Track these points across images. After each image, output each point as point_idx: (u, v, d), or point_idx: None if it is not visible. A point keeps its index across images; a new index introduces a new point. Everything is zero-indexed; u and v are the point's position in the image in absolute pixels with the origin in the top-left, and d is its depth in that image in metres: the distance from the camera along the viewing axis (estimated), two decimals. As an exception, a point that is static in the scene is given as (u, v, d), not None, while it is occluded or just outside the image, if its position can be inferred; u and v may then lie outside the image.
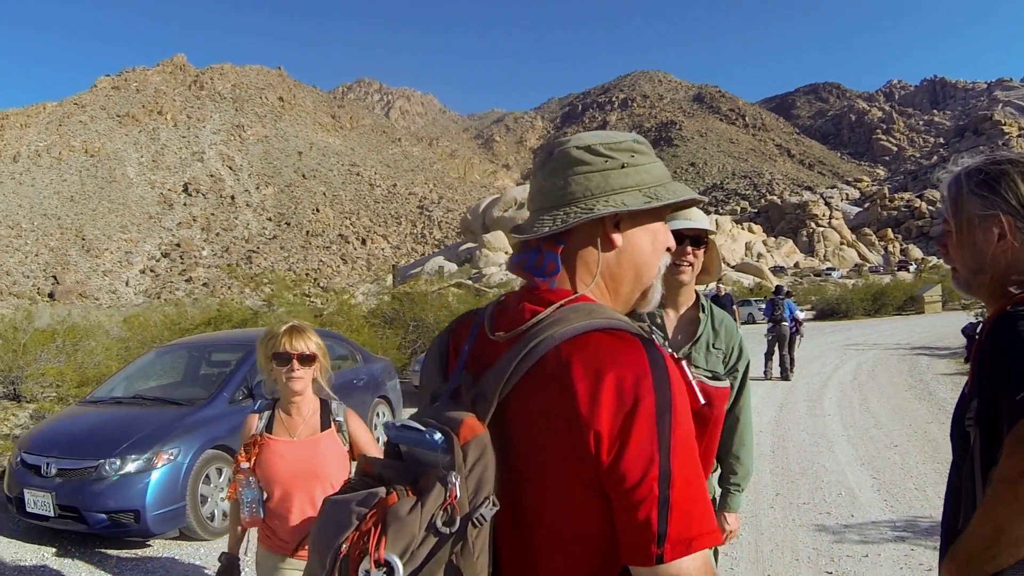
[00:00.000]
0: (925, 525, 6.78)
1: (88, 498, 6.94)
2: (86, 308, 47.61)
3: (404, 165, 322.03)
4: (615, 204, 1.49)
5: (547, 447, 1.37)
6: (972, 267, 2.03)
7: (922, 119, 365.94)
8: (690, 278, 3.39)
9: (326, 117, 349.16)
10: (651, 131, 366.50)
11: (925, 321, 40.26)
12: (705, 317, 3.47)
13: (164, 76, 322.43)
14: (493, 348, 1.51)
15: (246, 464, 3.31)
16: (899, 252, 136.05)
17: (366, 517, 1.32)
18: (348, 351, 11.76)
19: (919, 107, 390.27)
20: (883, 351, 23.35)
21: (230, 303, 19.76)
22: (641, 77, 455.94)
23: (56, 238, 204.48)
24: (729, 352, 3.46)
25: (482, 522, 1.32)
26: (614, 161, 1.52)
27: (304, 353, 3.33)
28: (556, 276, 1.53)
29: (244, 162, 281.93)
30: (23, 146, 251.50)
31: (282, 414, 3.44)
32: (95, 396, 9.20)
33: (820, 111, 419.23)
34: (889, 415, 12.54)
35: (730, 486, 3.60)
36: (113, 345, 16.91)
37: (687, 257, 3.33)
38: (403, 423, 1.44)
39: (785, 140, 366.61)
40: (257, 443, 3.35)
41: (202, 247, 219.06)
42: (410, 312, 22.51)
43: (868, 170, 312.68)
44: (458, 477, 1.30)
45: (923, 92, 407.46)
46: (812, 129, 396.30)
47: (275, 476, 3.30)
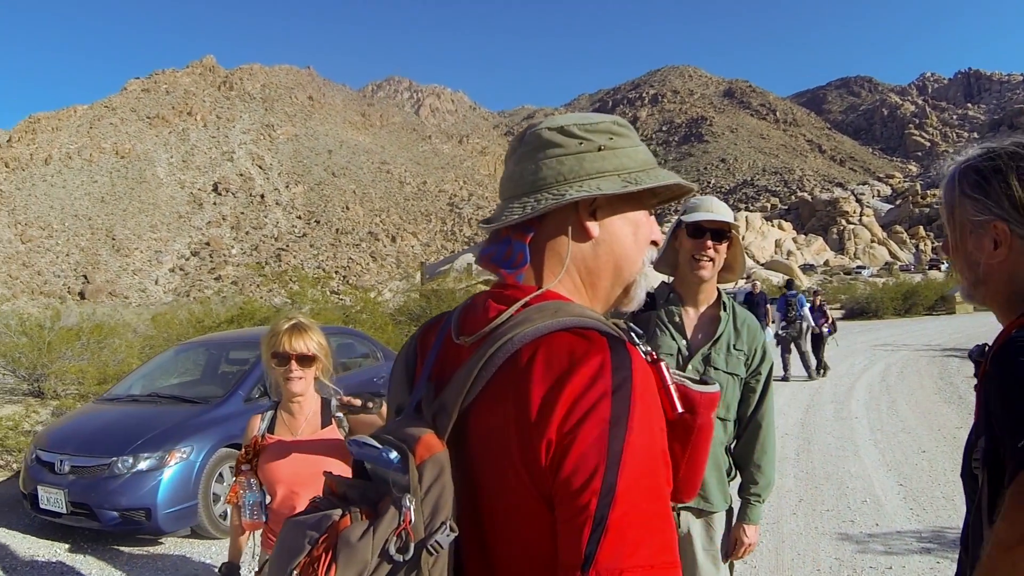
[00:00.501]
0: (952, 536, 6.56)
1: (100, 495, 6.95)
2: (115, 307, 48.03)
3: (434, 162, 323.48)
4: (589, 189, 1.36)
5: (504, 462, 1.25)
6: (970, 279, 1.82)
7: (956, 113, 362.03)
8: (710, 274, 3.26)
9: (356, 115, 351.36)
10: (681, 127, 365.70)
11: (956, 322, 39.70)
12: (727, 316, 3.36)
13: (194, 78, 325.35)
14: (458, 355, 1.39)
15: (247, 466, 3.22)
16: (931, 251, 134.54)
17: (318, 542, 1.24)
18: (370, 349, 11.68)
19: (953, 101, 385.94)
20: (913, 352, 23.00)
21: (254, 301, 19.75)
22: (671, 72, 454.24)
23: (87, 238, 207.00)
24: (752, 354, 3.35)
25: (438, 549, 1.20)
26: (590, 143, 1.39)
27: (303, 354, 3.23)
28: (523, 268, 1.42)
29: (274, 161, 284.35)
30: (54, 149, 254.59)
31: (284, 414, 3.35)
32: (112, 394, 9.25)
33: (852, 105, 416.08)
34: (918, 419, 12.28)
35: (750, 496, 3.47)
36: (136, 343, 17.01)
37: (707, 251, 3.20)
38: (362, 440, 1.33)
39: (816, 135, 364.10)
40: (258, 444, 3.26)
41: (231, 246, 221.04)
42: (437, 309, 22.43)
43: (900, 166, 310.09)
44: (413, 500, 1.21)
45: (957, 85, 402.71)
46: (843, 124, 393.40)
47: (278, 477, 3.21)
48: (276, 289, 20.90)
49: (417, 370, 1.52)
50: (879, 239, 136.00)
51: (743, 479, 3.48)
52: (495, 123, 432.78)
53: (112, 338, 16.35)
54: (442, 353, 1.47)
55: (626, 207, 1.44)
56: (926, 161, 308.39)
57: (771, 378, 3.43)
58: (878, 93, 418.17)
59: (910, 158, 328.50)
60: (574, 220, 1.40)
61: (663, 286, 3.49)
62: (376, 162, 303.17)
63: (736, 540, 3.47)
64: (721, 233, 3.22)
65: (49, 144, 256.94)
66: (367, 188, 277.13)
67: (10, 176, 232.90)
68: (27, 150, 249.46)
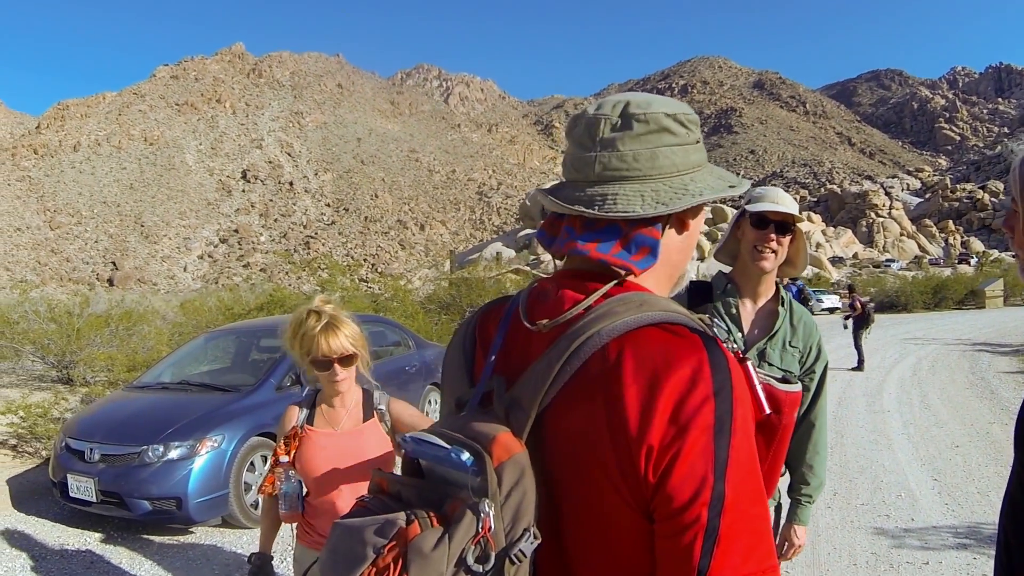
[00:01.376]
0: (988, 532, 6.48)
1: (130, 484, 6.91)
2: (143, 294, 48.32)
3: (463, 151, 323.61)
4: (705, 186, 1.33)
5: (592, 467, 1.18)
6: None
7: (986, 107, 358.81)
8: (772, 266, 3.14)
9: (385, 103, 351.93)
10: (711, 118, 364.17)
11: (986, 316, 39.34)
12: (784, 311, 3.23)
13: (223, 65, 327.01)
14: (527, 345, 1.31)
15: (285, 458, 3.16)
16: (960, 244, 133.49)
17: (384, 551, 1.13)
18: (401, 337, 11.68)
19: (983, 95, 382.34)
20: (943, 346, 22.78)
21: (283, 288, 19.81)
22: (701, 63, 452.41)
23: (115, 225, 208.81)
24: (807, 351, 3.23)
25: (522, 559, 1.13)
26: (692, 135, 1.36)
27: (344, 355, 3.13)
28: (653, 266, 1.33)
29: (303, 148, 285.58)
30: (83, 136, 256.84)
31: (324, 406, 3.28)
32: (142, 381, 9.21)
33: (882, 98, 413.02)
34: (950, 414, 12.15)
35: (801, 497, 3.36)
36: (165, 330, 17.04)
37: (771, 244, 3.09)
38: (422, 437, 1.23)
39: (846, 128, 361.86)
40: (297, 435, 3.20)
41: (260, 233, 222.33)
42: (467, 298, 22.47)
43: (930, 160, 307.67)
44: (492, 505, 1.12)
45: (988, 79, 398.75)
46: (873, 117, 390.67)
47: (317, 469, 3.15)
48: (305, 277, 20.92)
49: (478, 360, 1.43)
50: (908, 232, 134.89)
51: (794, 479, 3.37)
52: (524, 112, 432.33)
53: (141, 325, 16.37)
54: (508, 343, 1.38)
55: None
56: (956, 155, 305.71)
57: (825, 377, 3.30)
58: (908, 86, 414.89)
59: (940, 152, 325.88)
60: (678, 214, 1.35)
61: (720, 276, 3.39)
62: (405, 150, 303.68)
63: (785, 541, 3.39)
64: (785, 226, 3.12)
65: (78, 131, 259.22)
66: (396, 176, 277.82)
67: (39, 163, 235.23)
68: (56, 137, 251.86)
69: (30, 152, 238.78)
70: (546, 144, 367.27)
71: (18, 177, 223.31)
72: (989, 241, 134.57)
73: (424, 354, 11.70)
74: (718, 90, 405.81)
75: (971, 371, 17.03)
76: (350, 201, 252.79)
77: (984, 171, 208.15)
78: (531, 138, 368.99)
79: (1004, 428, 10.75)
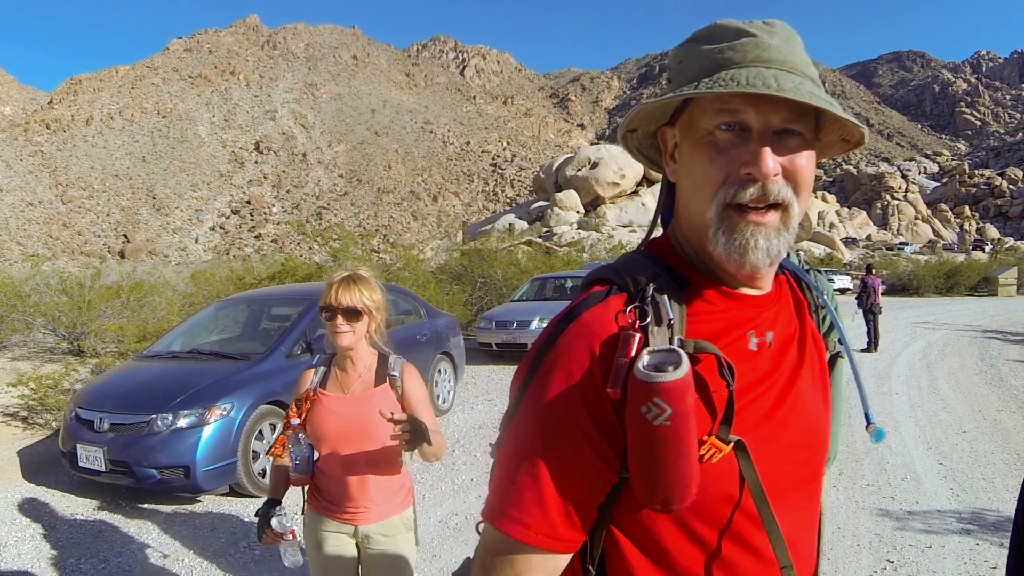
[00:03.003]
0: (992, 519, 6.46)
1: (139, 453, 6.93)
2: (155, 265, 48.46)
3: (478, 123, 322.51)
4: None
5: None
6: None
7: (1009, 93, 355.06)
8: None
9: (400, 75, 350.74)
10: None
11: (998, 304, 39.15)
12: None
13: (236, 37, 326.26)
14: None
15: (296, 420, 3.17)
16: (975, 231, 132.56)
17: None
18: (412, 306, 11.68)
19: (1007, 80, 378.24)
20: (954, 331, 22.70)
21: (295, 258, 19.83)
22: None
23: (127, 198, 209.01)
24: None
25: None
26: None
27: (349, 307, 3.10)
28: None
29: (316, 120, 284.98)
30: (96, 109, 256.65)
31: (337, 370, 3.27)
32: (152, 351, 9.21)
33: (903, 80, 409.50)
34: (958, 399, 12.11)
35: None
36: (176, 300, 17.08)
37: None
38: None
39: (865, 109, 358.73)
40: (309, 398, 3.20)
41: (272, 204, 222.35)
42: (479, 269, 22.50)
43: (949, 144, 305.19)
44: None
45: (1012, 65, 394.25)
46: (893, 99, 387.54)
47: (325, 433, 3.15)
48: (317, 248, 20.94)
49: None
50: (923, 216, 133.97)
51: None
52: (540, 85, 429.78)
53: (152, 296, 16.40)
54: None
55: None
56: (976, 140, 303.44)
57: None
58: (930, 69, 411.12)
59: (959, 136, 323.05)
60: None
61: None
62: (419, 122, 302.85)
63: None
64: None
65: (91, 105, 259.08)
66: (410, 148, 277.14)
67: (52, 137, 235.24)
68: (69, 111, 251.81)
69: (42, 127, 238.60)
70: (561, 117, 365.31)
71: (30, 152, 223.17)
72: (1005, 229, 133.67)
73: (435, 323, 11.75)
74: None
75: (981, 358, 16.97)
76: (363, 172, 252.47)
77: (1004, 158, 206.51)
78: (546, 111, 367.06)
79: (1012, 416, 10.73)
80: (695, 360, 1.21)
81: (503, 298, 20.87)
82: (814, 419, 1.36)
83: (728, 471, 1.22)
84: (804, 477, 1.35)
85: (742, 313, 1.32)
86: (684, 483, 1.16)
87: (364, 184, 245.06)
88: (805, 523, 1.37)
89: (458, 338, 12.45)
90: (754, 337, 1.31)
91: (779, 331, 1.36)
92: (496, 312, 17.47)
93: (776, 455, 1.27)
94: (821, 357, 1.47)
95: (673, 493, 1.16)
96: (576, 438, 1.20)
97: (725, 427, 1.20)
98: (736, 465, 1.22)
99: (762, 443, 1.25)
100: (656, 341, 1.20)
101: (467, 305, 20.41)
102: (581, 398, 1.20)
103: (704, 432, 1.20)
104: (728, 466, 1.22)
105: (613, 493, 1.25)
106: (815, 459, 1.37)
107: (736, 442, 1.21)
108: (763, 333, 1.33)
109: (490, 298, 21.44)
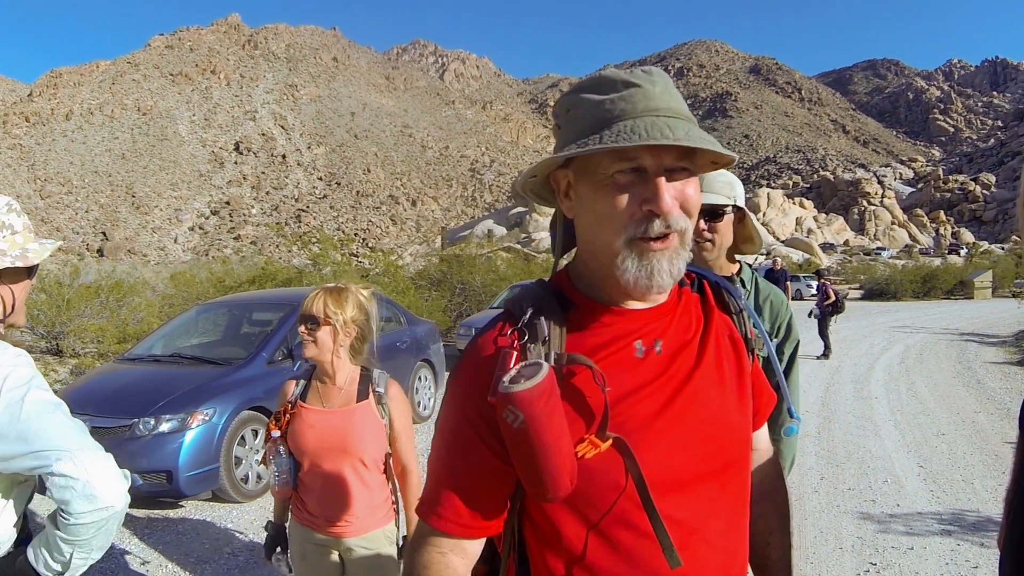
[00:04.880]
0: (972, 520, 6.54)
1: (120, 458, 6.74)
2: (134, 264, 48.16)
3: (457, 128, 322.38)
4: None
5: None
6: None
7: (981, 100, 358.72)
8: (715, 253, 3.08)
9: (380, 78, 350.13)
10: (706, 101, 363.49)
11: (974, 306, 39.44)
12: (746, 292, 3.15)
13: (218, 36, 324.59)
14: None
15: (276, 432, 3.16)
16: (950, 235, 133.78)
17: None
18: (392, 313, 11.59)
19: (979, 88, 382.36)
20: (931, 335, 22.87)
21: (275, 262, 19.76)
22: (698, 46, 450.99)
23: (106, 195, 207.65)
24: (775, 330, 3.15)
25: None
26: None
27: (310, 315, 3.09)
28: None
29: (296, 121, 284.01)
30: (76, 104, 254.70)
31: (317, 382, 3.24)
32: (133, 353, 9.13)
33: (877, 88, 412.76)
34: (937, 402, 12.22)
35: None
36: (156, 302, 16.99)
37: (703, 233, 3.04)
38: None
39: (841, 116, 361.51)
40: (288, 411, 3.19)
41: (252, 205, 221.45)
42: (457, 275, 22.41)
43: (923, 150, 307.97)
44: None
45: (983, 73, 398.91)
46: (868, 106, 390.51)
47: (304, 447, 3.13)
48: (296, 251, 20.84)
49: None
50: (900, 221, 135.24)
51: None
52: (519, 90, 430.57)
53: (131, 296, 16.29)
54: None
55: None
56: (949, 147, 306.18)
57: (795, 357, 3.19)
58: (904, 77, 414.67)
59: (933, 143, 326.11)
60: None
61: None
62: (399, 126, 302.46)
63: None
64: (715, 212, 3.04)
65: (71, 99, 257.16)
66: (389, 151, 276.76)
67: (31, 131, 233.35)
68: (48, 105, 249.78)
69: (21, 120, 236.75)
70: (540, 123, 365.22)
71: (9, 145, 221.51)
72: (979, 232, 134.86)
73: (415, 330, 11.67)
74: (714, 74, 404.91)
75: (958, 360, 17.12)
76: (342, 175, 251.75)
77: (977, 163, 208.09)
78: (525, 116, 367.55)
79: (990, 417, 10.84)
80: (571, 372, 1.40)
81: (482, 304, 20.81)
82: (716, 416, 1.47)
83: (613, 464, 1.36)
84: (712, 469, 1.45)
85: (627, 325, 1.46)
86: (551, 476, 1.33)
87: (343, 187, 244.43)
88: (718, 511, 1.46)
89: (438, 345, 12.38)
90: (641, 345, 1.45)
91: (671, 338, 1.48)
92: (475, 319, 17.41)
93: (670, 450, 1.40)
94: (739, 358, 1.59)
95: (545, 484, 1.34)
96: (475, 442, 1.42)
97: (602, 427, 1.35)
98: (621, 459, 1.36)
99: (651, 439, 1.39)
100: (532, 356, 1.38)
101: (446, 311, 20.35)
102: (474, 407, 1.42)
103: (583, 432, 1.36)
104: (612, 460, 1.36)
105: (519, 486, 1.44)
106: (723, 452, 1.47)
107: (615, 439, 1.35)
108: (651, 341, 1.46)
109: (469, 304, 21.39)
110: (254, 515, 7.07)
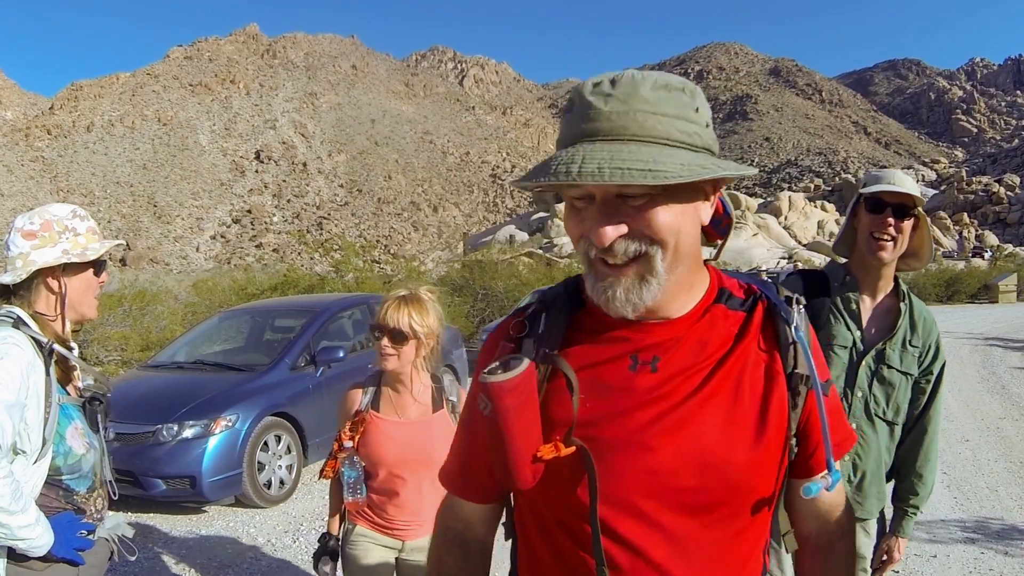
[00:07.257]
0: (996, 527, 6.50)
1: (144, 463, 6.96)
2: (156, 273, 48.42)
3: (477, 133, 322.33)
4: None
5: None
6: None
7: (1004, 100, 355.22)
8: (891, 256, 2.87)
9: (399, 85, 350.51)
10: (726, 104, 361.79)
11: (999, 311, 39.06)
12: (905, 307, 2.99)
13: (237, 46, 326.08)
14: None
15: (349, 443, 3.10)
16: (974, 238, 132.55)
17: None
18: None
19: (1002, 87, 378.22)
20: (955, 339, 22.65)
21: (297, 269, 19.84)
22: (717, 49, 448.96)
23: (128, 205, 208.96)
24: (925, 351, 3.00)
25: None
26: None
27: (396, 329, 3.01)
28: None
29: (316, 129, 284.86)
30: (97, 116, 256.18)
31: (389, 391, 3.18)
32: (156, 360, 9.27)
33: (899, 88, 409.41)
34: (960, 407, 12.10)
35: (908, 508, 3.11)
36: (179, 310, 17.09)
37: (888, 229, 2.83)
38: None
39: (862, 117, 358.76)
40: (364, 420, 3.13)
41: (273, 213, 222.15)
42: (479, 280, 22.48)
43: (946, 151, 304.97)
44: None
45: (1007, 72, 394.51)
46: (890, 107, 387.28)
47: (383, 458, 3.09)
48: (318, 258, 20.92)
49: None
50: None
51: (901, 488, 3.13)
52: (539, 95, 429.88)
53: (154, 305, 16.41)
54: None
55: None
56: (972, 147, 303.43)
57: (942, 379, 3.06)
58: (926, 77, 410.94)
59: (956, 144, 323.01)
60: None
61: (836, 266, 3.13)
62: (419, 132, 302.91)
63: (887, 553, 3.19)
64: (904, 209, 2.85)
65: (91, 111, 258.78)
66: (410, 158, 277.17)
67: (52, 143, 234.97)
68: (69, 117, 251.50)
69: (43, 133, 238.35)
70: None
71: (31, 158, 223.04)
72: (1004, 235, 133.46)
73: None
74: (734, 76, 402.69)
75: (983, 365, 16.96)
76: (364, 182, 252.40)
77: (1001, 164, 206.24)
78: (545, 121, 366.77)
79: (1015, 423, 10.75)
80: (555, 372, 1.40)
81: (504, 310, 20.83)
82: (709, 450, 1.34)
83: (573, 472, 1.36)
84: (690, 505, 1.35)
85: (626, 335, 1.39)
86: (511, 467, 1.36)
87: (364, 194, 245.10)
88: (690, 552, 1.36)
89: (461, 351, 12.41)
90: (637, 359, 1.37)
91: (673, 357, 1.38)
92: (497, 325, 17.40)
93: (638, 472, 1.34)
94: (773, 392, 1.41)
95: (507, 473, 1.37)
96: (475, 416, 1.46)
97: (568, 433, 1.34)
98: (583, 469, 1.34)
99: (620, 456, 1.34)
100: (525, 350, 1.41)
101: (468, 317, 20.38)
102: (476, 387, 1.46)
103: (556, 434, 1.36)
104: (574, 468, 1.35)
105: None
106: (709, 490, 1.35)
107: (579, 448, 1.33)
108: (649, 357, 1.37)
109: (491, 310, 21.42)
110: (277, 520, 7.12)
